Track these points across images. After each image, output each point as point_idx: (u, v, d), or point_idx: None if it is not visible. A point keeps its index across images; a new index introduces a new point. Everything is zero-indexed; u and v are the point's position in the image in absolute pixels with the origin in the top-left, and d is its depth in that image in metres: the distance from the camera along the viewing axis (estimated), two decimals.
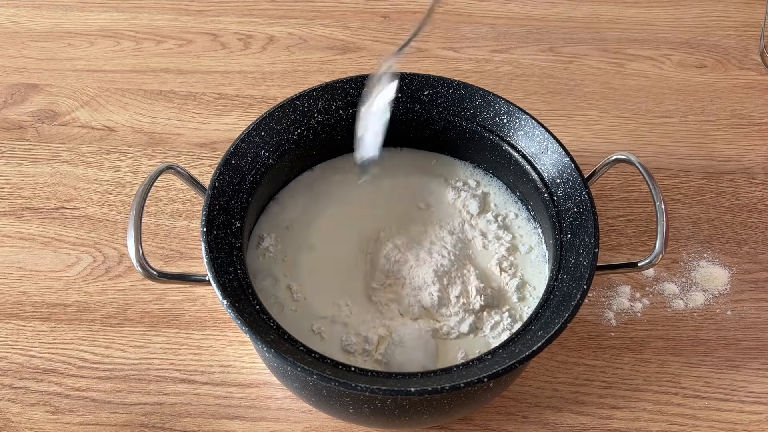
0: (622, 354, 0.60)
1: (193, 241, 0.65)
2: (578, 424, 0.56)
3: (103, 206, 0.67)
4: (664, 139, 0.74)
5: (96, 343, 0.59)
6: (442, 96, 0.57)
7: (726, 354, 0.60)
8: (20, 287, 0.62)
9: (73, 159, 0.71)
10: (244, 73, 0.78)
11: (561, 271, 0.50)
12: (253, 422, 0.56)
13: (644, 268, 0.51)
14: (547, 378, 0.58)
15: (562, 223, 0.52)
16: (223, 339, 0.59)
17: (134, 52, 0.80)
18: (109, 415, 0.56)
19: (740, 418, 0.57)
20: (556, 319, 0.46)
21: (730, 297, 0.63)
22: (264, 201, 0.58)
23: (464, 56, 0.81)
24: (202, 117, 0.74)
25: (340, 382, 0.42)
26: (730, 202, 0.69)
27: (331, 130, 0.58)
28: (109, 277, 0.63)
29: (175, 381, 0.57)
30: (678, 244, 0.66)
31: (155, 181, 0.51)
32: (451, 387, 0.42)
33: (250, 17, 0.84)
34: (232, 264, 0.49)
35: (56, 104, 0.75)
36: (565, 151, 0.53)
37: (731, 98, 0.78)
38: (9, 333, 0.60)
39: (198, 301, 0.61)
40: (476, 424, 0.56)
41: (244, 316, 0.45)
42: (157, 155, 0.71)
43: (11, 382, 0.57)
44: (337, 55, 0.81)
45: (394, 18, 0.85)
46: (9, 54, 0.80)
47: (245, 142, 0.53)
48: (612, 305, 0.62)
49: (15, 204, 0.67)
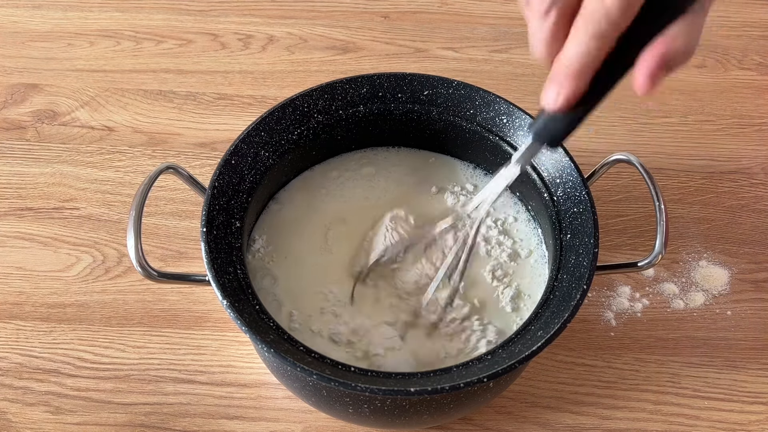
0: (621, 354, 0.60)
1: (193, 241, 0.65)
2: (578, 424, 0.56)
3: (103, 206, 0.67)
4: (664, 139, 0.74)
5: (96, 343, 0.59)
6: (442, 96, 0.57)
7: (726, 354, 0.60)
8: (20, 287, 0.62)
9: (73, 159, 0.71)
10: (244, 73, 0.78)
11: (561, 272, 0.50)
12: (253, 422, 0.56)
13: (644, 268, 0.51)
14: (547, 378, 0.58)
15: (561, 224, 0.52)
16: (223, 339, 0.59)
17: (134, 52, 0.80)
18: (109, 415, 0.56)
19: (740, 418, 0.57)
20: (555, 319, 0.46)
21: (730, 297, 0.63)
22: (264, 201, 0.58)
23: (464, 56, 0.81)
24: (202, 117, 0.74)
25: (340, 382, 0.42)
26: (730, 202, 0.69)
27: (330, 130, 0.58)
28: (109, 277, 0.63)
29: (175, 381, 0.57)
30: (678, 244, 0.66)
31: (155, 181, 0.51)
32: (451, 387, 0.42)
33: (250, 17, 0.84)
34: (232, 264, 0.49)
35: (56, 104, 0.75)
36: (565, 151, 0.53)
37: (731, 98, 0.78)
38: (9, 333, 0.60)
39: (198, 301, 0.61)
40: (476, 424, 0.56)
41: (244, 316, 0.45)
42: (157, 155, 0.71)
43: (11, 382, 0.57)
44: (337, 55, 0.81)
45: (394, 18, 0.85)
46: (9, 54, 0.80)
47: (245, 142, 0.53)
48: (612, 305, 0.62)
49: (15, 204, 0.67)
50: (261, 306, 0.47)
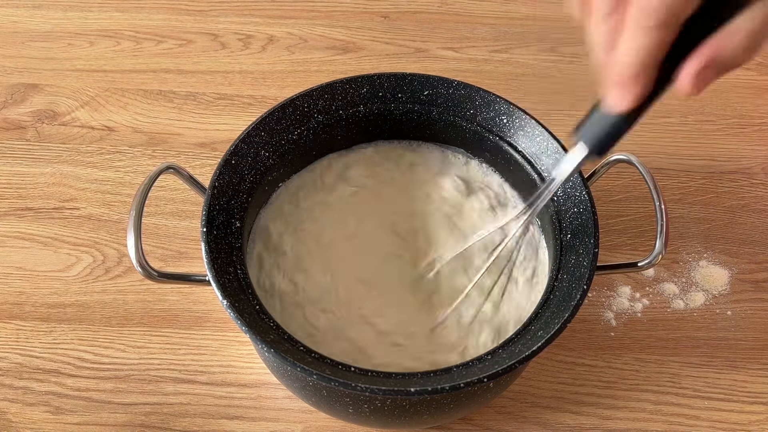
0: (622, 354, 0.60)
1: (193, 241, 0.65)
2: (578, 424, 0.56)
3: (103, 206, 0.67)
4: (664, 139, 0.74)
5: (96, 343, 0.59)
6: (442, 96, 0.57)
7: (726, 354, 0.60)
8: (20, 287, 0.62)
9: (73, 159, 0.71)
10: (244, 73, 0.78)
11: (561, 271, 0.50)
12: (253, 422, 0.56)
13: (644, 268, 0.51)
14: (547, 378, 0.58)
15: (562, 223, 0.52)
16: (223, 339, 0.59)
17: (134, 52, 0.80)
18: (109, 415, 0.56)
19: (740, 418, 0.57)
20: (556, 319, 0.46)
21: (730, 297, 0.63)
22: (264, 201, 0.58)
23: (464, 56, 0.81)
24: (202, 117, 0.74)
25: (340, 382, 0.42)
26: (730, 202, 0.69)
27: (331, 130, 0.58)
28: (109, 277, 0.63)
29: (175, 381, 0.57)
30: (678, 244, 0.66)
31: (155, 181, 0.51)
32: (451, 387, 0.42)
33: (250, 17, 0.84)
34: (232, 264, 0.49)
35: (56, 104, 0.75)
36: (565, 151, 0.53)
37: (731, 98, 0.77)
38: (9, 333, 0.60)
39: (198, 301, 0.61)
40: (476, 424, 0.56)
41: (244, 316, 0.45)
42: (157, 155, 0.71)
43: (11, 382, 0.57)
44: (337, 55, 0.81)
45: (394, 18, 0.85)
46: (9, 54, 0.80)
47: (245, 142, 0.53)
48: (612, 305, 0.62)
49: (15, 204, 0.67)
50: (261, 306, 0.47)
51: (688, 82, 0.32)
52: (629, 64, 0.32)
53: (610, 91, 0.34)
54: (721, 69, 0.32)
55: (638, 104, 0.34)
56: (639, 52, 0.31)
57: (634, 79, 0.33)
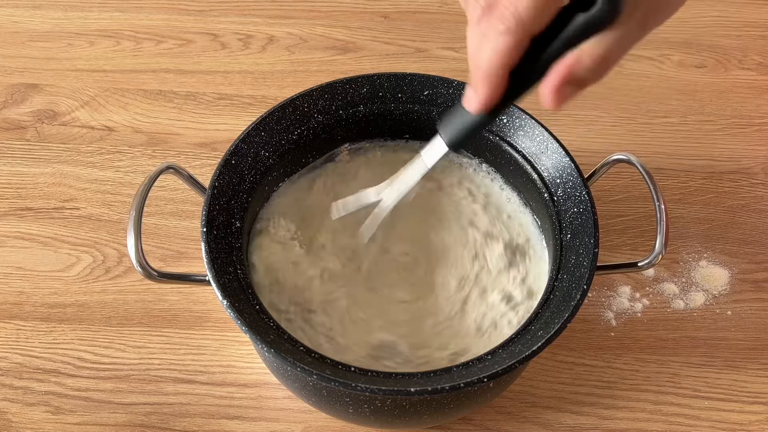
0: (622, 354, 0.60)
1: (193, 241, 0.65)
2: (578, 424, 0.56)
3: (103, 206, 0.67)
4: (664, 139, 0.74)
5: (96, 343, 0.59)
6: (442, 96, 0.57)
7: (726, 354, 0.60)
8: (20, 287, 0.62)
9: (73, 159, 0.71)
10: (244, 73, 0.78)
11: (561, 271, 0.50)
12: (253, 422, 0.56)
13: (644, 268, 0.51)
14: (547, 378, 0.58)
15: (562, 223, 0.52)
16: (223, 339, 0.59)
17: (134, 52, 0.80)
18: (109, 415, 0.56)
19: (740, 418, 0.57)
20: (556, 319, 0.46)
21: (730, 297, 0.63)
22: (264, 201, 0.58)
23: (464, 56, 0.80)
24: (202, 117, 0.74)
25: (340, 382, 0.42)
26: (730, 202, 0.69)
27: (331, 130, 0.58)
28: (109, 277, 0.63)
29: (175, 381, 0.57)
30: (678, 244, 0.66)
31: (155, 181, 0.51)
32: (451, 387, 0.42)
33: (250, 17, 0.84)
34: (232, 264, 0.49)
35: (56, 104, 0.75)
36: (565, 151, 0.53)
37: (731, 98, 0.78)
38: (9, 333, 0.60)
39: (198, 301, 0.61)
40: (476, 424, 0.56)
41: (244, 316, 0.45)
42: (157, 155, 0.71)
43: (11, 382, 0.57)
44: (337, 55, 0.81)
45: (394, 18, 0.85)
46: (9, 54, 0.80)
47: (245, 142, 0.53)
48: (612, 305, 0.62)
49: (15, 204, 0.67)
50: (261, 306, 0.47)
51: (548, 96, 0.34)
52: (480, 67, 0.35)
53: (466, 91, 0.37)
54: (577, 86, 0.34)
55: (487, 106, 0.36)
56: (490, 54, 0.34)
57: (484, 81, 0.35)
